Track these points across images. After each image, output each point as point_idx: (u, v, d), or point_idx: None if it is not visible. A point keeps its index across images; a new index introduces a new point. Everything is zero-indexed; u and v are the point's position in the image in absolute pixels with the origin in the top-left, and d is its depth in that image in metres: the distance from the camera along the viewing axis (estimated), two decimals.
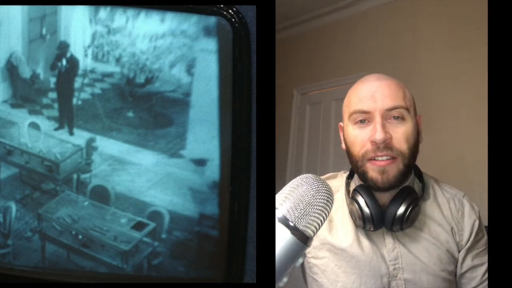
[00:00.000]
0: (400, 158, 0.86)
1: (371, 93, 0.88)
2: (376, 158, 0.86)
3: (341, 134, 0.97)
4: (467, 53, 2.23)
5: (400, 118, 0.87)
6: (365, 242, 0.91)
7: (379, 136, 0.84)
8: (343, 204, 0.95)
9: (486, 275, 0.91)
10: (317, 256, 0.94)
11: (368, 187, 0.89)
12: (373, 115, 0.86)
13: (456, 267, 0.92)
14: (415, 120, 0.90)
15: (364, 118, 0.88)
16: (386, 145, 0.85)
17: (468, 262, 0.91)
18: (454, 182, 1.04)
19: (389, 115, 0.86)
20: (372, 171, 0.86)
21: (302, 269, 1.01)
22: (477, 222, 0.93)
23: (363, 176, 0.89)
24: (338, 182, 1.00)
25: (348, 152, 0.92)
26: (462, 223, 0.92)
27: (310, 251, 0.95)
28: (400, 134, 0.86)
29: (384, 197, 0.90)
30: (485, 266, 0.91)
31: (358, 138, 0.88)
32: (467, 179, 2.04)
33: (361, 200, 0.88)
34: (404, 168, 0.87)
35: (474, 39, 2.18)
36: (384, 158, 0.85)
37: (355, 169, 0.91)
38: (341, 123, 0.97)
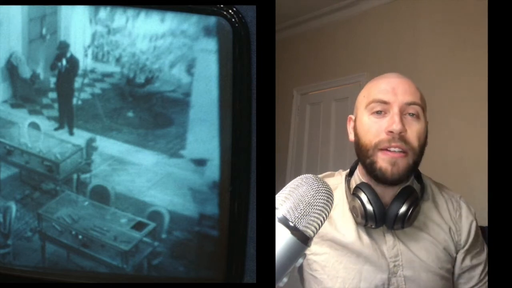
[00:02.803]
0: (411, 153, 0.87)
1: (391, 87, 0.90)
2: (389, 149, 0.86)
3: (349, 127, 0.98)
4: (467, 53, 2.23)
5: (415, 116, 0.89)
6: (365, 238, 0.91)
7: (397, 126, 0.85)
8: (342, 201, 0.95)
9: (484, 274, 0.94)
10: (317, 252, 0.94)
11: (369, 185, 0.90)
12: (391, 107, 0.88)
13: (452, 265, 0.93)
14: (426, 122, 0.92)
15: (381, 109, 0.89)
16: (401, 137, 0.86)
17: (467, 262, 0.93)
18: (454, 182, 1.04)
19: (406, 110, 0.88)
20: (383, 161, 0.87)
21: (299, 269, 1.01)
22: (474, 223, 0.95)
23: (371, 166, 0.89)
24: (336, 180, 1.00)
25: (359, 141, 0.92)
26: (460, 223, 0.94)
27: (310, 248, 0.95)
28: (414, 130, 0.88)
29: (386, 195, 0.90)
30: (482, 265, 0.94)
31: (373, 127, 0.89)
32: (467, 179, 2.04)
33: (364, 197, 0.88)
34: (413, 165, 0.88)
35: (473, 39, 2.18)
36: (397, 150, 0.86)
37: (363, 159, 0.91)
38: (351, 116, 0.98)
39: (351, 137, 0.96)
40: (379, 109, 0.89)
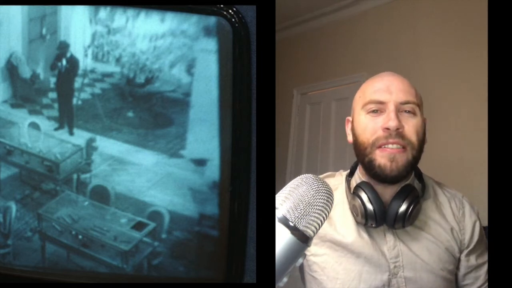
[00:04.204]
0: (410, 148, 0.87)
1: (386, 86, 0.90)
2: (386, 146, 0.87)
3: (347, 128, 0.98)
4: (467, 53, 2.23)
5: (412, 113, 0.89)
6: (366, 239, 0.91)
7: (393, 123, 0.86)
8: (342, 201, 0.95)
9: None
10: (316, 253, 0.94)
11: (370, 184, 0.90)
12: (387, 105, 0.88)
13: (455, 266, 0.93)
14: (423, 118, 0.92)
15: (377, 108, 0.89)
16: (398, 133, 0.86)
17: (473, 262, 0.93)
18: (454, 182, 1.04)
19: (401, 108, 0.89)
20: (381, 158, 0.87)
21: (300, 268, 1.02)
22: (478, 222, 0.95)
23: (370, 164, 0.89)
24: (336, 181, 1.00)
25: (356, 141, 0.92)
26: (463, 222, 0.94)
27: (310, 249, 0.95)
28: (411, 126, 0.88)
29: (386, 194, 0.90)
30: (487, 264, 0.93)
31: (370, 125, 0.89)
32: (467, 179, 2.04)
33: (364, 196, 0.88)
34: (412, 160, 0.88)
35: (473, 39, 2.18)
36: (395, 146, 0.87)
37: (362, 158, 0.91)
38: (348, 118, 0.98)
39: (349, 138, 0.96)
40: (375, 109, 0.90)
